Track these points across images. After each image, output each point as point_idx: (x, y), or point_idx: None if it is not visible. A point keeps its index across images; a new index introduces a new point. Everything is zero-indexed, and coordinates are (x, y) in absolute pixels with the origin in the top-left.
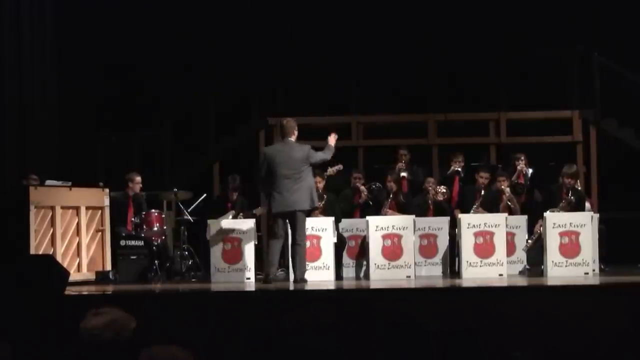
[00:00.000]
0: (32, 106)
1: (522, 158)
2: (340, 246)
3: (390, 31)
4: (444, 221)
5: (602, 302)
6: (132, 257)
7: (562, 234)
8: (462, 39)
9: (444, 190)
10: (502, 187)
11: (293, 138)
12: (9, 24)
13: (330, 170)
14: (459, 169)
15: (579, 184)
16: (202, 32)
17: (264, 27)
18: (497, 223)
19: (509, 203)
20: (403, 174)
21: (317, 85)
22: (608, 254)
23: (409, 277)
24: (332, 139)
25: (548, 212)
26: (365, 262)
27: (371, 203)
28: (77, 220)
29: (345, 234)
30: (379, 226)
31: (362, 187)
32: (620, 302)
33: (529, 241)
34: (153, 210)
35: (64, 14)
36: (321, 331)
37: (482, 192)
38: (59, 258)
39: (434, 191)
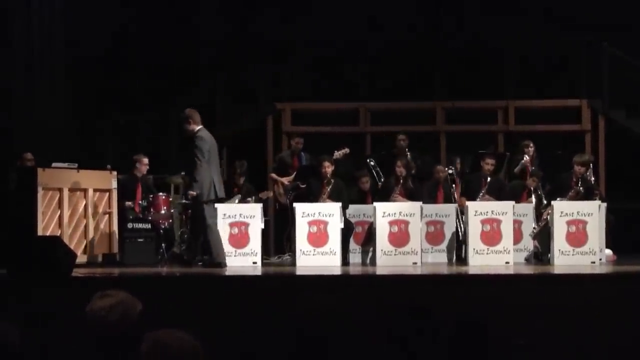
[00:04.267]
0: (40, 89)
1: (531, 145)
2: (347, 232)
3: (399, 18)
4: (451, 208)
5: (608, 290)
6: (139, 240)
7: (569, 223)
8: (470, 27)
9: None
10: (533, 186)
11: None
12: (19, 7)
13: (337, 154)
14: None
15: (590, 174)
16: (210, 16)
17: (272, 12)
18: (504, 211)
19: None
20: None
21: (324, 72)
22: (615, 243)
23: (416, 263)
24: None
25: (557, 200)
26: (371, 249)
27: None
28: (84, 202)
29: (352, 220)
30: (386, 212)
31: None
32: (626, 291)
33: (535, 227)
34: (160, 194)
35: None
36: (326, 316)
37: (488, 180)
38: (66, 240)
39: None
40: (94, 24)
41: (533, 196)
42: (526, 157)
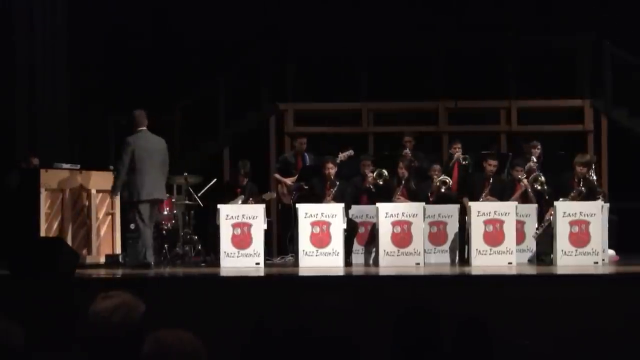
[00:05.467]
0: (42, 90)
1: (538, 147)
2: (351, 232)
3: (401, 18)
4: (453, 209)
5: (611, 291)
6: None
7: (572, 223)
8: (473, 26)
9: (447, 181)
10: (519, 176)
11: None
12: (21, 9)
13: (342, 156)
14: (460, 157)
15: (592, 173)
16: (213, 16)
17: (275, 12)
18: (507, 211)
19: (531, 196)
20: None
21: (327, 72)
22: (618, 243)
23: (418, 264)
24: None
25: (559, 201)
26: (374, 249)
27: (373, 190)
28: (87, 203)
29: (356, 220)
30: (388, 213)
31: (369, 173)
32: (629, 291)
33: (539, 229)
34: None
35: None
36: (329, 317)
37: (491, 180)
38: (69, 241)
39: (439, 181)
40: (95, 24)
41: (523, 181)
42: (533, 159)
